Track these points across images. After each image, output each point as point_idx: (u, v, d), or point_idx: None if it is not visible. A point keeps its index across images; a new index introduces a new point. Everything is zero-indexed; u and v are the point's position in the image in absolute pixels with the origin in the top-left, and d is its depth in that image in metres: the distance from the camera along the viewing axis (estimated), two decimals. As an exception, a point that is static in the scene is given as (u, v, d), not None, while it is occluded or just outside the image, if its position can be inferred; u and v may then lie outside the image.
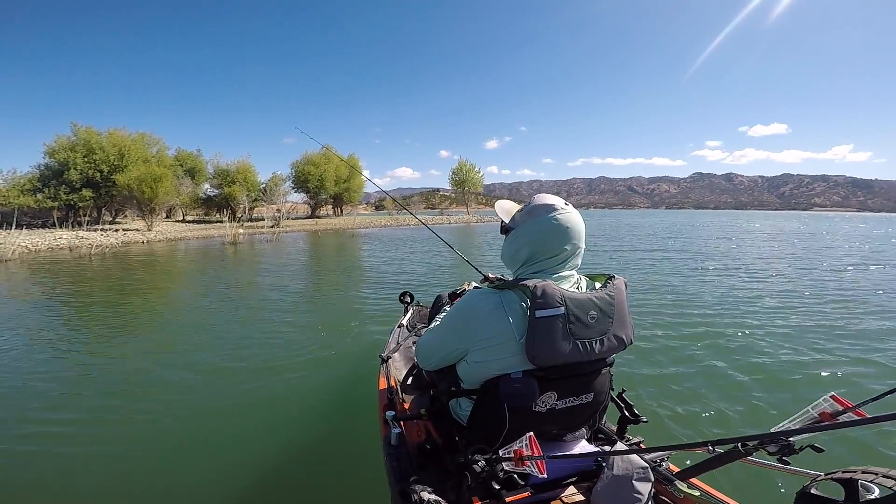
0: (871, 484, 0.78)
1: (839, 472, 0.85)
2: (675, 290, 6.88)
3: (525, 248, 1.16)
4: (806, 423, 0.94)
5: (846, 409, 0.90)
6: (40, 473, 2.29)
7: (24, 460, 2.40)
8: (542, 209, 1.15)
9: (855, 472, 0.82)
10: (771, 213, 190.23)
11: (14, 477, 2.26)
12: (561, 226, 1.11)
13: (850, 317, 5.20)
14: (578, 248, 1.15)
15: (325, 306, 6.16)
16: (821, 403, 0.93)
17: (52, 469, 2.32)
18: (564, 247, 1.12)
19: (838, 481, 0.84)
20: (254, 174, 36.85)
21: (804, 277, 8.22)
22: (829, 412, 0.91)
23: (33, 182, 25.54)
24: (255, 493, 2.11)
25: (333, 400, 3.15)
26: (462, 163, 52.82)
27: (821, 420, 0.92)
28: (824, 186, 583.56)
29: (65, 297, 7.07)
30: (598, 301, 1.08)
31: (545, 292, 1.01)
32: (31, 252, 14.72)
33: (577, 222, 1.14)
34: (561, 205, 1.15)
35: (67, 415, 2.92)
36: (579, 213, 1.16)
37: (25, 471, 2.31)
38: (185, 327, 5.14)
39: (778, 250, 13.79)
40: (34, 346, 4.35)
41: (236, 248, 16.55)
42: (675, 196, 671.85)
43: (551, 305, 1.01)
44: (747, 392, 3.12)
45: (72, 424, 2.78)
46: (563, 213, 1.13)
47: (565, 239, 1.12)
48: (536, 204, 1.18)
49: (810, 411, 0.95)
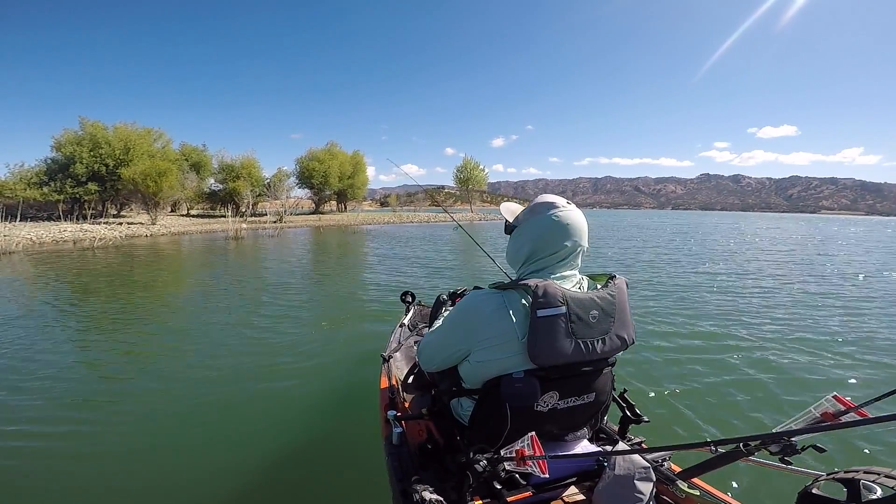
0: (873, 484, 0.78)
1: (841, 472, 0.85)
2: (677, 290, 6.85)
3: (526, 245, 1.17)
4: (808, 423, 0.94)
5: (848, 409, 0.89)
6: (36, 471, 2.27)
7: (17, 458, 2.38)
8: (543, 207, 1.16)
9: (857, 472, 0.82)
10: (777, 215, 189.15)
11: (11, 474, 2.24)
12: (561, 223, 1.12)
13: (853, 318, 5.18)
14: (579, 246, 1.14)
15: (325, 305, 6.14)
16: (823, 403, 0.93)
17: (50, 467, 2.30)
18: (565, 243, 1.12)
19: (840, 481, 0.84)
20: (258, 169, 37.06)
21: (807, 279, 8.18)
22: (831, 412, 0.91)
23: (40, 175, 25.82)
24: (256, 491, 2.11)
25: (334, 399, 3.13)
26: (466, 161, 52.74)
27: (823, 420, 0.92)
28: (833, 189, 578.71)
29: (65, 290, 7.11)
30: (599, 300, 1.07)
31: (546, 291, 1.01)
32: (35, 244, 14.86)
33: (578, 220, 1.14)
34: (563, 203, 1.16)
35: (66, 413, 2.90)
36: (581, 212, 1.16)
37: (20, 468, 2.29)
38: (183, 324, 5.13)
39: (781, 251, 13.70)
40: (32, 340, 4.35)
41: (238, 243, 16.63)
42: (681, 197, 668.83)
43: (553, 305, 1.01)
44: (749, 392, 3.11)
45: (70, 422, 2.76)
46: (564, 210, 1.13)
47: (565, 236, 1.12)
48: (538, 202, 1.20)
49: (812, 411, 0.95)
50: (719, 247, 15.41)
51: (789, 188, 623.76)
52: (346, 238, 19.47)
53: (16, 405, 2.98)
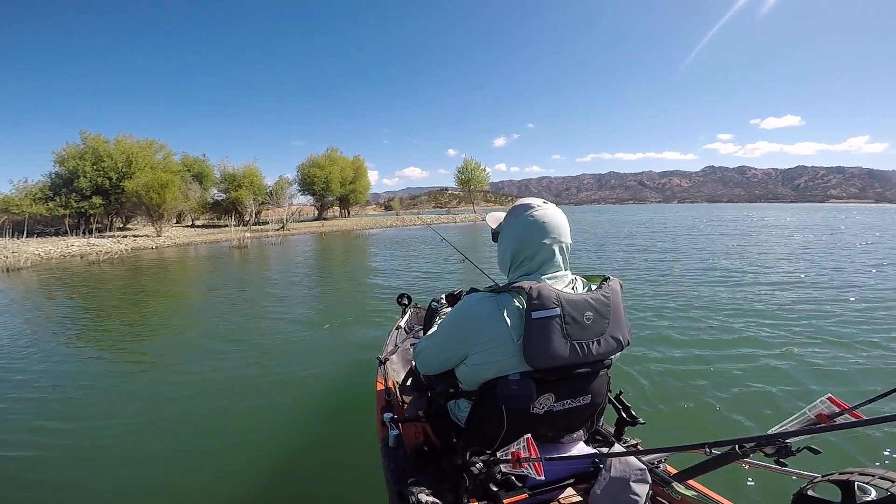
0: (867, 485, 0.79)
1: (836, 473, 0.86)
2: (673, 291, 6.79)
3: (509, 248, 1.19)
4: (803, 425, 0.94)
5: (843, 410, 0.90)
6: (44, 476, 2.32)
7: (23, 464, 2.44)
8: (519, 209, 1.20)
9: (852, 473, 0.83)
10: (786, 205, 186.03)
11: (19, 479, 2.30)
12: (537, 221, 1.14)
13: (849, 319, 5.10)
14: (560, 243, 1.15)
15: (323, 308, 6.18)
16: (818, 405, 0.93)
17: (56, 471, 2.36)
18: (544, 242, 1.13)
19: (835, 483, 0.84)
20: (260, 178, 37.17)
21: (806, 278, 8.06)
22: (826, 414, 0.92)
23: (44, 190, 26.07)
24: (254, 494, 2.13)
25: (331, 402, 3.16)
26: (467, 161, 52.66)
27: (818, 422, 0.92)
28: (840, 178, 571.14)
29: (71, 304, 7.21)
30: (593, 302, 1.08)
31: (541, 293, 1.03)
32: (44, 260, 15.04)
33: (555, 217, 1.15)
34: (538, 203, 1.18)
35: (71, 418, 2.96)
36: (560, 210, 1.19)
37: (28, 473, 2.35)
38: (184, 331, 5.21)
39: (780, 249, 13.55)
40: (39, 351, 4.42)
41: (241, 252, 16.74)
42: (686, 190, 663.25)
43: (547, 306, 1.02)
44: (745, 394, 3.11)
45: (75, 428, 2.82)
46: (540, 210, 1.16)
47: (543, 234, 1.13)
48: (514, 206, 1.23)
49: (807, 413, 0.95)
50: (716, 244, 15.27)
51: (796, 178, 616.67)
52: (348, 243, 19.55)
53: (22, 412, 3.05)
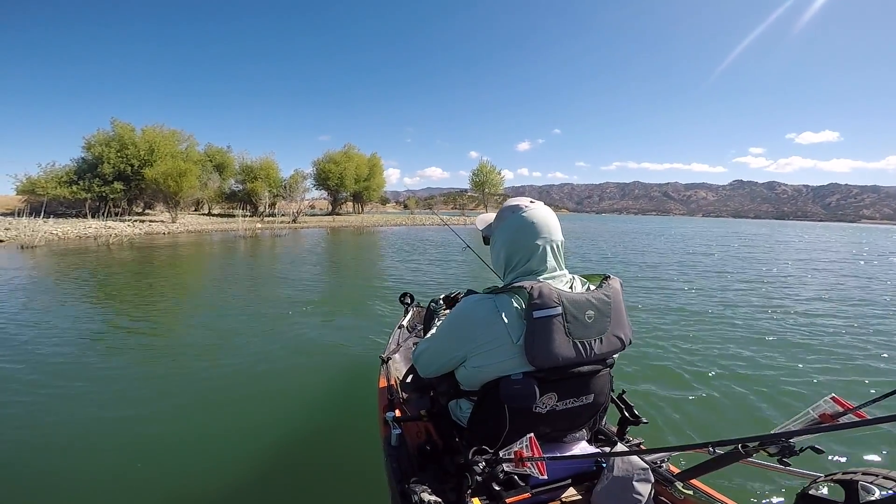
0: (871, 485, 0.78)
1: (839, 473, 0.86)
2: (677, 292, 6.77)
3: (502, 251, 1.19)
4: (806, 425, 0.93)
5: (847, 410, 0.89)
6: (40, 463, 2.27)
7: (20, 451, 2.39)
8: (507, 211, 1.20)
9: (855, 473, 0.83)
10: (814, 224, 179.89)
11: (17, 467, 2.26)
12: (527, 221, 1.14)
13: (852, 319, 5.13)
14: (552, 242, 1.15)
15: (326, 305, 6.04)
16: (821, 405, 0.93)
17: (54, 459, 2.32)
18: (536, 242, 1.13)
19: (838, 482, 0.84)
20: (276, 170, 37.87)
21: (809, 283, 7.92)
22: (829, 413, 0.91)
23: (70, 174, 27.16)
24: (255, 492, 2.09)
25: (333, 400, 3.12)
26: (482, 164, 52.61)
27: (821, 421, 0.92)
28: (874, 198, 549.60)
29: (77, 282, 7.40)
30: (594, 300, 1.07)
31: (542, 293, 1.02)
32: (60, 239, 15.69)
33: (545, 216, 1.15)
34: (526, 203, 1.18)
35: (68, 405, 2.90)
36: (549, 208, 1.19)
37: (26, 461, 2.30)
38: (184, 320, 5.15)
39: (786, 257, 13.17)
40: (38, 333, 4.39)
41: (250, 241, 17.06)
42: (712, 203, 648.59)
43: (548, 306, 1.01)
44: (748, 393, 3.10)
45: (72, 415, 2.77)
46: (528, 210, 1.16)
47: (534, 234, 1.13)
48: (502, 208, 1.23)
49: (811, 413, 0.94)
50: (723, 251, 14.89)
51: (828, 196, 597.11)
52: (358, 239, 19.61)
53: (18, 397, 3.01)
